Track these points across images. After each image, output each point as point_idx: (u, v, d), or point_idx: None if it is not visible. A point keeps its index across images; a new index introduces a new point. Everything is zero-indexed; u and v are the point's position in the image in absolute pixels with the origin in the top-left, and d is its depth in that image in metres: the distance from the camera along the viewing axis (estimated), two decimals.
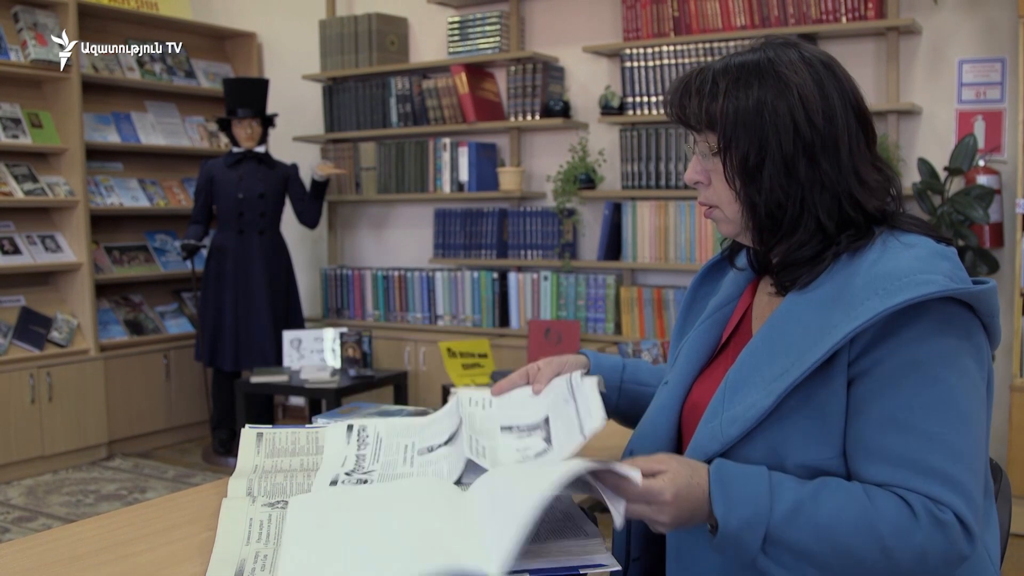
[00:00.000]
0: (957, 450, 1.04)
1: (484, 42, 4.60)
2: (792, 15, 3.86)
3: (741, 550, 1.07)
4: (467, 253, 4.72)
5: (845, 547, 1.04)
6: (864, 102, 1.20)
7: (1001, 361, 3.66)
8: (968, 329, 1.09)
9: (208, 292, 4.59)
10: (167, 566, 1.09)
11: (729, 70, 1.19)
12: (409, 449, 1.40)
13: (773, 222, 1.17)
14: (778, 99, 1.14)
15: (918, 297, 1.04)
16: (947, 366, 1.06)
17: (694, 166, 1.24)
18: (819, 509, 1.05)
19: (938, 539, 1.02)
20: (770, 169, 1.15)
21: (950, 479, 1.03)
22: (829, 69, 1.18)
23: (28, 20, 4.51)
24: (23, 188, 4.47)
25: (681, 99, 1.22)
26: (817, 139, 1.14)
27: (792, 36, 1.24)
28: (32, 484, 4.24)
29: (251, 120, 4.54)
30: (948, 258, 1.10)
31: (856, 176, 1.15)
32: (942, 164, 3.53)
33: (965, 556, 1.04)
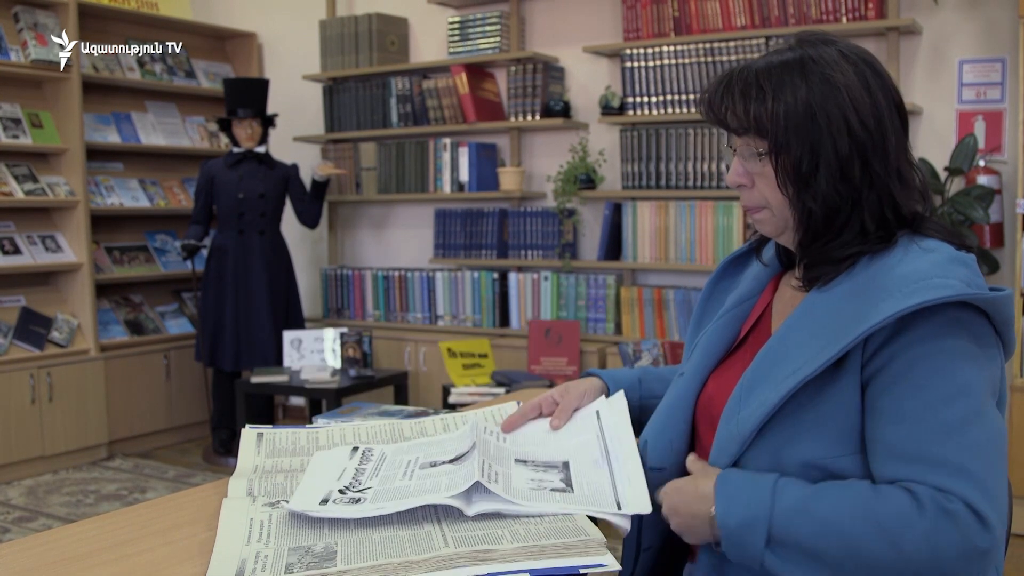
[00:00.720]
0: (968, 440, 1.03)
1: (484, 42, 4.60)
2: (792, 15, 3.86)
3: (746, 551, 1.08)
4: (467, 253, 4.72)
5: (850, 542, 1.03)
6: (902, 100, 1.19)
7: None
8: (981, 335, 1.09)
9: (208, 292, 4.59)
10: (167, 566, 1.09)
11: (772, 70, 1.17)
12: (412, 464, 1.32)
13: (826, 225, 1.16)
14: (828, 101, 1.13)
15: (933, 300, 1.04)
16: (959, 360, 1.06)
17: (736, 169, 1.22)
18: (821, 503, 1.05)
19: (946, 529, 1.00)
20: (825, 174, 1.14)
21: (960, 469, 1.02)
22: (871, 66, 1.17)
23: (28, 20, 4.51)
24: (23, 188, 4.47)
25: (723, 101, 1.20)
26: (869, 140, 1.13)
27: (826, 32, 1.22)
28: (32, 484, 4.25)
29: (251, 120, 4.54)
30: (966, 264, 1.10)
31: (899, 176, 1.15)
32: (942, 164, 3.53)
33: (983, 549, 1.01)
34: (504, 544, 1.07)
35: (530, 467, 1.30)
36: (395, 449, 1.38)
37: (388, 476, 1.27)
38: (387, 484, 1.24)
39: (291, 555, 1.07)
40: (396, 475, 1.27)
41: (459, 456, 1.30)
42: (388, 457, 1.34)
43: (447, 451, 1.34)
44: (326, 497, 1.20)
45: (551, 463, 1.31)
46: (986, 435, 1.04)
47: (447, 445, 1.36)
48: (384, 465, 1.31)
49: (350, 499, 1.19)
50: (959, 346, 1.06)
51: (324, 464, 1.31)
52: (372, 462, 1.32)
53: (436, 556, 1.05)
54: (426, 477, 1.25)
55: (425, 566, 1.03)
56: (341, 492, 1.22)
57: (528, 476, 1.27)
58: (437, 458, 1.31)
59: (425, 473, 1.27)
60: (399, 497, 1.18)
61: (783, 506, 1.07)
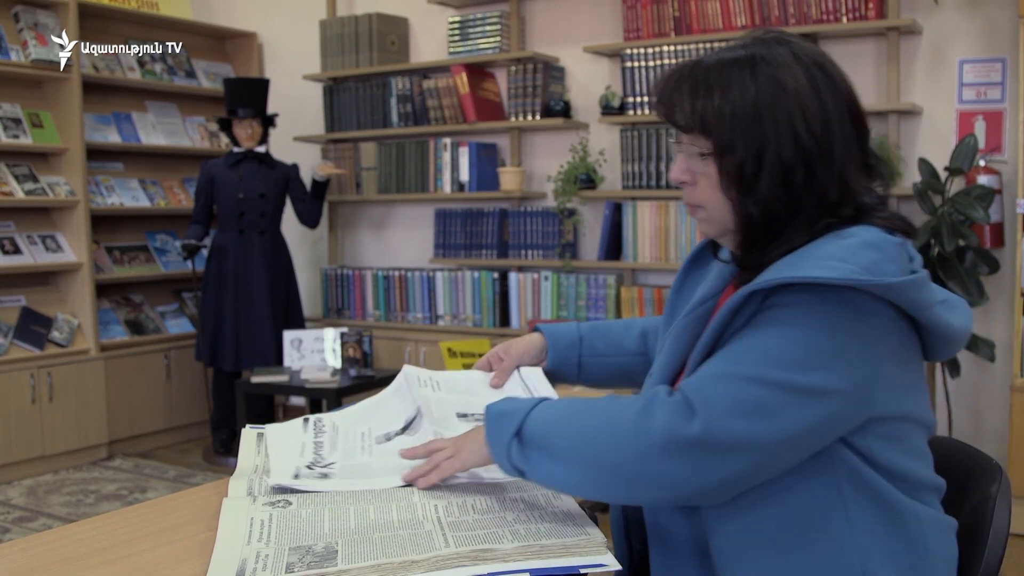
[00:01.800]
0: (733, 388, 1.03)
1: (484, 42, 4.60)
2: (793, 15, 3.86)
3: (498, 441, 1.13)
4: (467, 253, 4.72)
5: (579, 431, 1.07)
6: (857, 99, 1.17)
7: (1001, 361, 3.66)
8: (862, 320, 1.05)
9: (208, 292, 4.59)
10: (167, 566, 1.09)
11: (723, 68, 1.14)
12: (366, 436, 1.40)
13: (763, 231, 1.14)
14: (776, 104, 1.11)
15: (813, 277, 1.02)
16: (798, 336, 1.03)
17: (680, 165, 1.20)
18: (574, 405, 1.11)
19: (655, 409, 1.03)
20: (767, 178, 1.11)
21: (700, 388, 1.04)
22: (823, 69, 1.14)
23: (29, 20, 4.51)
24: (24, 188, 4.47)
25: (671, 97, 1.17)
26: (814, 147, 1.11)
27: (782, 31, 1.20)
28: (32, 484, 4.25)
29: (251, 120, 4.54)
30: (880, 249, 1.06)
31: (841, 182, 1.12)
32: (943, 164, 3.52)
33: (689, 437, 1.01)
34: (504, 544, 1.07)
35: (472, 422, 1.40)
36: (343, 418, 1.46)
37: (348, 450, 1.36)
38: (350, 459, 1.34)
39: (292, 555, 1.07)
40: (355, 449, 1.37)
41: (408, 423, 1.41)
42: (340, 427, 1.43)
43: (395, 417, 1.44)
44: (296, 473, 1.28)
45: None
46: (758, 398, 1.02)
47: (392, 409, 1.46)
48: (340, 437, 1.40)
49: (319, 474, 1.28)
50: (812, 325, 1.04)
51: (282, 440, 1.40)
52: (327, 434, 1.41)
53: (437, 555, 1.05)
54: (384, 454, 1.35)
55: (425, 565, 1.03)
56: (309, 468, 1.30)
57: None
58: (389, 428, 1.42)
59: (383, 449, 1.37)
60: (367, 476, 1.28)
61: (543, 405, 1.13)
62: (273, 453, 1.35)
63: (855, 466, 1.09)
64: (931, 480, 1.16)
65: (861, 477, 1.09)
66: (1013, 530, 2.89)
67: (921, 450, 1.16)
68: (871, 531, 1.08)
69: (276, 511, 1.19)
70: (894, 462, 1.10)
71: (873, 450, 1.09)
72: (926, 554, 1.10)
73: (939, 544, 1.13)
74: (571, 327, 1.57)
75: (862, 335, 1.05)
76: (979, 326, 3.69)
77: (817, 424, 1.04)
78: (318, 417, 1.46)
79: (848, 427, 1.07)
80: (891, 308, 1.07)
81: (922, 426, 1.16)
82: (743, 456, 1.02)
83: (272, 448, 1.37)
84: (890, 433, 1.10)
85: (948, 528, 1.16)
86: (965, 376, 3.68)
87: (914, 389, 1.13)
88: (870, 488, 1.09)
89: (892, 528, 1.09)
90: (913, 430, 1.14)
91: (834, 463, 1.08)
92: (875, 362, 1.06)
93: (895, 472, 1.11)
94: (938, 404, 3.70)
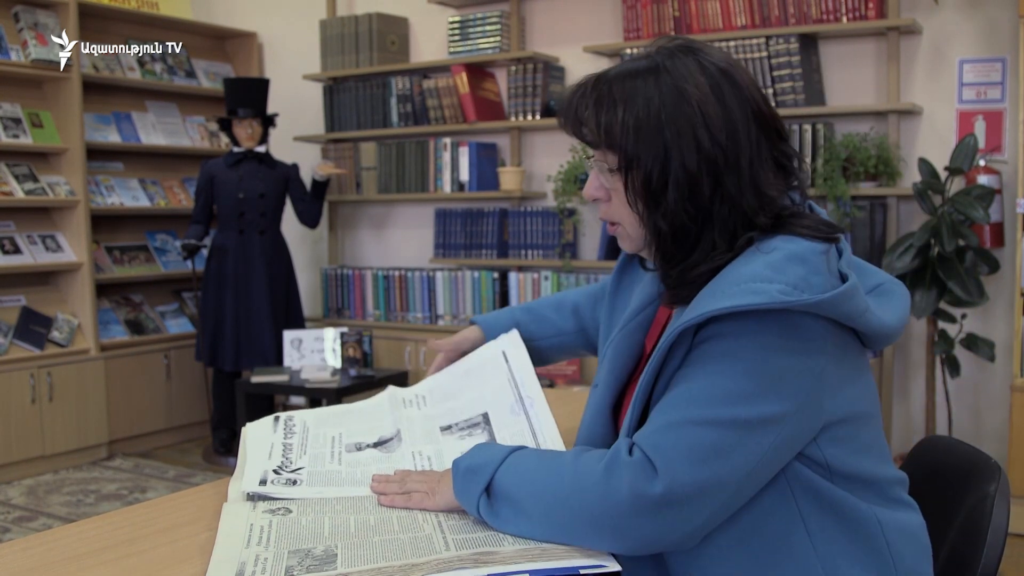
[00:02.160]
0: (685, 436, 1.02)
1: (484, 42, 4.60)
2: (792, 15, 3.85)
3: (468, 497, 1.12)
4: (467, 253, 4.72)
5: (544, 487, 1.06)
6: (766, 103, 1.14)
7: (1001, 361, 3.66)
8: (800, 338, 1.04)
9: (208, 292, 4.59)
10: (167, 566, 1.09)
11: (625, 79, 1.13)
12: (336, 442, 1.39)
13: (676, 245, 1.13)
14: (679, 114, 1.09)
15: (741, 306, 1.01)
16: (738, 370, 1.02)
17: (592, 182, 1.18)
18: (538, 458, 1.11)
19: (619, 470, 1.02)
20: (674, 191, 1.09)
21: (657, 443, 1.02)
22: (728, 77, 1.11)
23: (28, 20, 4.51)
24: (24, 188, 4.47)
25: (577, 112, 1.16)
26: (720, 156, 1.08)
27: (689, 38, 1.18)
28: (33, 484, 4.25)
29: (252, 120, 4.54)
30: (805, 261, 1.04)
31: (755, 190, 1.10)
32: (943, 164, 3.52)
33: (654, 496, 0.99)
34: (505, 546, 1.07)
35: (456, 434, 1.41)
36: (315, 417, 1.46)
37: (317, 456, 1.36)
38: (318, 466, 1.34)
39: (291, 558, 1.07)
40: (324, 455, 1.36)
41: (383, 441, 1.40)
42: (311, 429, 1.42)
43: (370, 429, 1.43)
44: (264, 479, 1.28)
45: (473, 420, 1.42)
46: (713, 441, 1.01)
47: (368, 421, 1.45)
48: (309, 439, 1.40)
49: (286, 480, 1.28)
50: (750, 356, 1.03)
51: (254, 441, 1.39)
52: (296, 435, 1.41)
53: (437, 559, 1.05)
54: (356, 465, 1.34)
55: (425, 568, 1.03)
56: (276, 472, 1.30)
57: (457, 447, 1.37)
58: (361, 439, 1.41)
59: (354, 459, 1.36)
60: (335, 484, 1.28)
61: (512, 459, 1.11)
62: (245, 455, 1.35)
63: (810, 480, 1.08)
64: (889, 476, 1.15)
65: (817, 491, 1.08)
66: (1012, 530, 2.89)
67: (875, 444, 1.15)
68: (833, 541, 1.08)
69: (276, 518, 1.19)
70: (850, 464, 1.10)
71: (828, 457, 1.09)
72: (891, 557, 1.10)
73: (905, 544, 1.12)
74: (507, 315, 1.60)
75: (800, 351, 1.04)
76: (979, 326, 3.69)
77: (775, 449, 1.04)
78: (289, 415, 1.45)
79: (805, 441, 1.07)
80: (823, 317, 1.06)
81: (871, 416, 1.15)
82: (710, 501, 1.02)
83: (245, 449, 1.37)
84: (842, 434, 1.10)
85: (912, 527, 1.15)
86: (965, 376, 3.68)
87: (855, 382, 1.12)
88: (827, 500, 1.08)
89: (854, 537, 1.09)
90: (863, 424, 1.13)
91: (789, 481, 1.08)
92: (818, 372, 1.05)
93: (851, 475, 1.10)
94: (938, 404, 3.70)
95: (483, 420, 1.42)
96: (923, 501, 1.33)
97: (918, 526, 1.17)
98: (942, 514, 1.28)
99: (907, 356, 3.90)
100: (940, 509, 1.28)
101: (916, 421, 3.88)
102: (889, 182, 3.76)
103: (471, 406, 1.45)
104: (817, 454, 1.08)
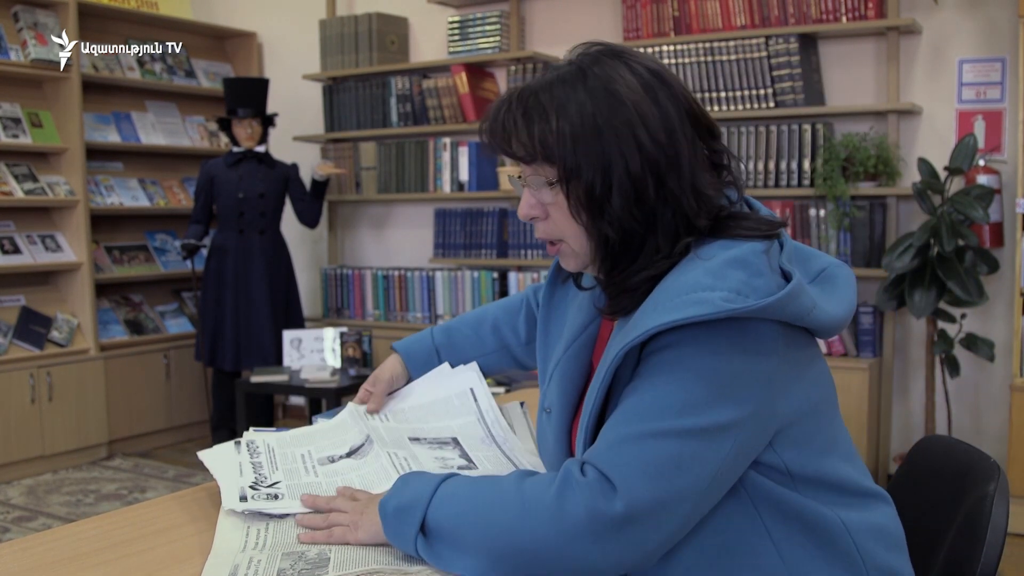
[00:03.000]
0: (643, 451, 0.98)
1: (484, 42, 4.60)
2: (792, 15, 3.86)
3: (403, 538, 1.06)
4: (467, 253, 4.72)
5: (487, 517, 1.01)
6: (696, 103, 1.12)
7: (1001, 361, 3.66)
8: (752, 340, 1.02)
9: (208, 292, 4.59)
10: (167, 566, 1.10)
11: (553, 87, 1.08)
12: (307, 459, 1.34)
13: (623, 252, 1.09)
14: (615, 117, 1.05)
15: (685, 319, 0.98)
16: (690, 379, 1.00)
17: (527, 200, 1.13)
18: (474, 489, 1.05)
19: (573, 490, 0.98)
20: (618, 196, 1.06)
21: (612, 460, 0.99)
22: (658, 76, 1.09)
23: (28, 20, 4.51)
24: (23, 188, 4.47)
25: (504, 127, 1.10)
26: (661, 156, 1.06)
27: (611, 44, 1.14)
28: (32, 484, 4.25)
29: (251, 120, 4.54)
30: (746, 264, 1.02)
31: (694, 190, 1.08)
32: (942, 164, 3.53)
33: (612, 516, 0.96)
34: None
35: (426, 445, 1.38)
36: (278, 440, 1.40)
37: (291, 470, 1.31)
38: (295, 479, 1.28)
39: (284, 560, 1.07)
40: (298, 470, 1.31)
41: (354, 449, 1.35)
42: (276, 450, 1.36)
43: (338, 444, 1.38)
44: (243, 495, 1.23)
45: (441, 439, 1.40)
46: (670, 453, 0.98)
47: (334, 436, 1.40)
48: (277, 458, 1.34)
49: (267, 495, 1.23)
50: (700, 364, 1.00)
51: (219, 465, 1.32)
52: (263, 455, 1.35)
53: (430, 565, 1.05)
54: (333, 475, 1.30)
55: (419, 574, 1.03)
56: (253, 488, 1.25)
57: (431, 455, 1.34)
58: (332, 452, 1.36)
59: (330, 470, 1.31)
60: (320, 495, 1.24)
61: (443, 493, 1.05)
62: (217, 477, 1.29)
63: (771, 491, 1.06)
64: (852, 474, 1.13)
65: (779, 501, 1.06)
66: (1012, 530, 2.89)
67: (835, 440, 1.13)
68: (799, 547, 1.06)
69: (274, 522, 1.19)
70: (813, 467, 1.08)
71: (787, 462, 1.07)
72: (860, 557, 1.09)
73: (874, 542, 1.11)
74: (425, 340, 1.56)
75: (750, 354, 1.02)
76: (979, 326, 3.69)
77: (733, 456, 1.01)
78: (250, 439, 1.39)
79: (762, 445, 1.05)
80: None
81: (827, 405, 1.13)
82: (672, 515, 0.99)
83: (214, 472, 1.30)
84: (799, 434, 1.08)
85: (880, 522, 1.13)
86: (965, 376, 3.68)
87: (807, 375, 1.10)
88: (790, 510, 1.07)
89: (820, 542, 1.07)
90: (821, 418, 1.11)
91: (750, 494, 1.06)
92: (769, 375, 1.03)
93: (814, 479, 1.08)
94: (938, 404, 3.70)
95: (454, 443, 1.40)
96: (923, 501, 1.33)
97: (888, 518, 1.15)
98: (942, 514, 1.28)
99: (907, 356, 3.90)
100: (940, 509, 1.28)
101: (916, 421, 3.88)
102: (889, 182, 3.76)
103: (439, 431, 1.42)
104: (776, 461, 1.06)
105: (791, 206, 3.90)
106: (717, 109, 4.00)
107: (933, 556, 1.25)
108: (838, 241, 3.82)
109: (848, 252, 3.81)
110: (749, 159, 3.96)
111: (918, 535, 1.28)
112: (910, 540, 1.24)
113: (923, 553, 1.27)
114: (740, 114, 3.94)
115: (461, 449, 1.38)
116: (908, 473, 1.41)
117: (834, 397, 1.17)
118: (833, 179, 3.68)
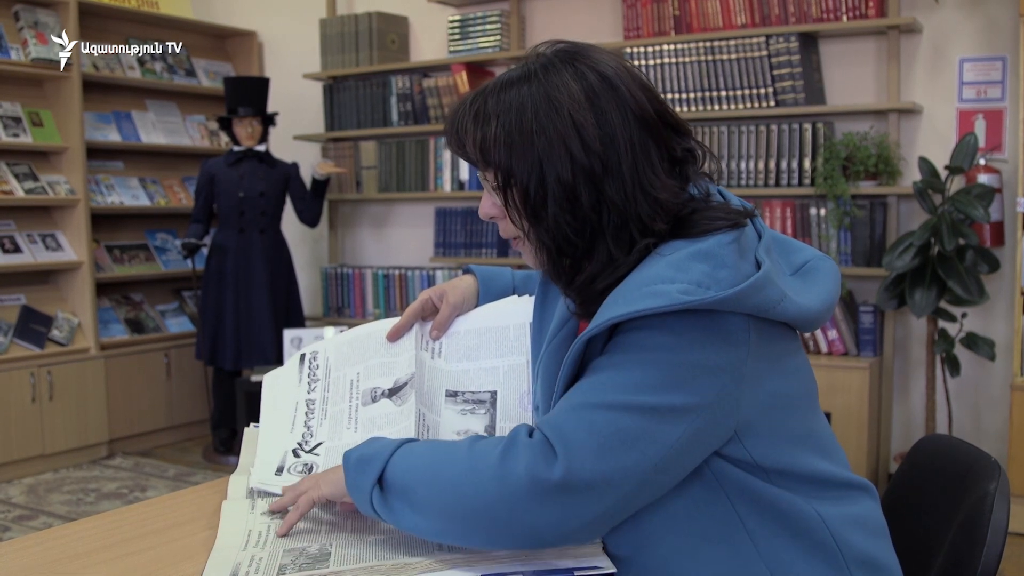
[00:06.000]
0: (591, 419, 0.98)
1: (485, 41, 4.60)
2: (793, 14, 3.85)
3: (360, 490, 1.07)
4: (468, 252, 4.73)
5: (437, 475, 1.02)
6: (656, 102, 1.11)
7: (1001, 360, 3.66)
8: (720, 324, 1.00)
9: (209, 291, 4.60)
10: (167, 565, 1.10)
11: (500, 91, 1.09)
12: (354, 389, 1.36)
13: (565, 259, 1.09)
14: (548, 123, 1.05)
15: (639, 311, 0.98)
16: (647, 362, 0.99)
17: (485, 200, 1.15)
18: (432, 448, 1.06)
19: (516, 451, 0.98)
20: (552, 204, 1.06)
21: (559, 425, 0.99)
22: (607, 80, 1.08)
23: (29, 19, 4.51)
24: (24, 187, 4.47)
25: (458, 130, 1.11)
26: (597, 164, 1.05)
27: (575, 43, 1.14)
28: (33, 483, 4.25)
29: (252, 119, 4.54)
30: (710, 256, 1.01)
31: (644, 194, 1.06)
32: (943, 163, 3.52)
33: (554, 481, 0.96)
34: None
35: (460, 404, 1.35)
36: (336, 354, 1.41)
37: (336, 416, 1.34)
38: (336, 439, 1.32)
39: (285, 556, 1.07)
40: (342, 416, 1.34)
41: (398, 386, 1.35)
42: (332, 370, 1.39)
43: (389, 368, 1.37)
44: (281, 464, 1.27)
45: (480, 397, 1.36)
46: (618, 426, 0.97)
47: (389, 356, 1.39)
48: (331, 387, 1.37)
49: (303, 466, 1.27)
50: (660, 350, 0.99)
51: (277, 400, 1.36)
52: (319, 383, 1.38)
53: (429, 558, 1.05)
54: (371, 428, 1.31)
55: (419, 568, 1.03)
56: (295, 454, 1.30)
57: (455, 425, 1.32)
58: (378, 382, 1.36)
59: (368, 419, 1.33)
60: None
61: (405, 449, 1.07)
62: (264, 428, 1.33)
63: (742, 482, 1.05)
64: (827, 467, 1.12)
65: (751, 491, 1.05)
66: (1012, 529, 2.89)
67: (808, 433, 1.11)
68: (774, 536, 1.06)
69: (275, 523, 1.19)
70: (783, 460, 1.07)
71: (755, 455, 1.05)
72: (838, 547, 1.08)
73: (853, 533, 1.10)
74: (505, 275, 1.50)
75: (716, 346, 1.01)
76: (979, 325, 3.69)
77: (685, 443, 0.99)
78: (313, 355, 1.41)
79: (721, 438, 1.03)
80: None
81: (801, 398, 1.11)
82: (612, 491, 0.97)
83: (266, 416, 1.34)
84: (765, 427, 1.06)
85: (860, 513, 1.12)
86: (965, 375, 3.68)
87: (781, 368, 1.08)
88: (764, 501, 1.06)
89: (796, 533, 1.06)
90: (792, 410, 1.10)
91: (722, 484, 1.05)
92: (735, 368, 1.02)
93: (786, 471, 1.07)
94: (938, 403, 3.70)
95: (490, 400, 1.36)
96: (923, 500, 1.33)
97: (868, 509, 1.14)
98: (942, 513, 1.28)
99: (907, 355, 3.90)
100: (940, 508, 1.28)
101: (916, 420, 3.88)
102: (889, 181, 3.76)
103: (483, 376, 1.38)
104: (743, 454, 1.05)
105: (791, 205, 3.90)
106: (717, 108, 4.00)
107: (933, 555, 1.25)
108: (839, 240, 3.82)
109: (848, 251, 3.81)
110: (749, 158, 3.96)
111: (918, 534, 1.28)
112: (911, 540, 1.24)
113: (923, 552, 1.27)
114: (740, 113, 3.94)
115: (492, 415, 1.34)
116: (908, 472, 1.41)
117: (813, 391, 1.16)
118: (834, 178, 3.68)
